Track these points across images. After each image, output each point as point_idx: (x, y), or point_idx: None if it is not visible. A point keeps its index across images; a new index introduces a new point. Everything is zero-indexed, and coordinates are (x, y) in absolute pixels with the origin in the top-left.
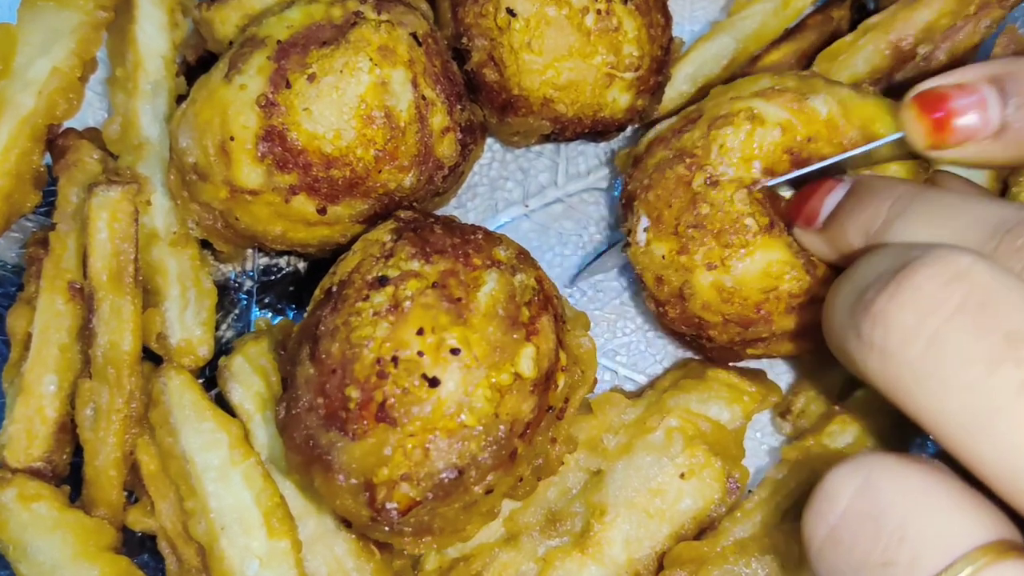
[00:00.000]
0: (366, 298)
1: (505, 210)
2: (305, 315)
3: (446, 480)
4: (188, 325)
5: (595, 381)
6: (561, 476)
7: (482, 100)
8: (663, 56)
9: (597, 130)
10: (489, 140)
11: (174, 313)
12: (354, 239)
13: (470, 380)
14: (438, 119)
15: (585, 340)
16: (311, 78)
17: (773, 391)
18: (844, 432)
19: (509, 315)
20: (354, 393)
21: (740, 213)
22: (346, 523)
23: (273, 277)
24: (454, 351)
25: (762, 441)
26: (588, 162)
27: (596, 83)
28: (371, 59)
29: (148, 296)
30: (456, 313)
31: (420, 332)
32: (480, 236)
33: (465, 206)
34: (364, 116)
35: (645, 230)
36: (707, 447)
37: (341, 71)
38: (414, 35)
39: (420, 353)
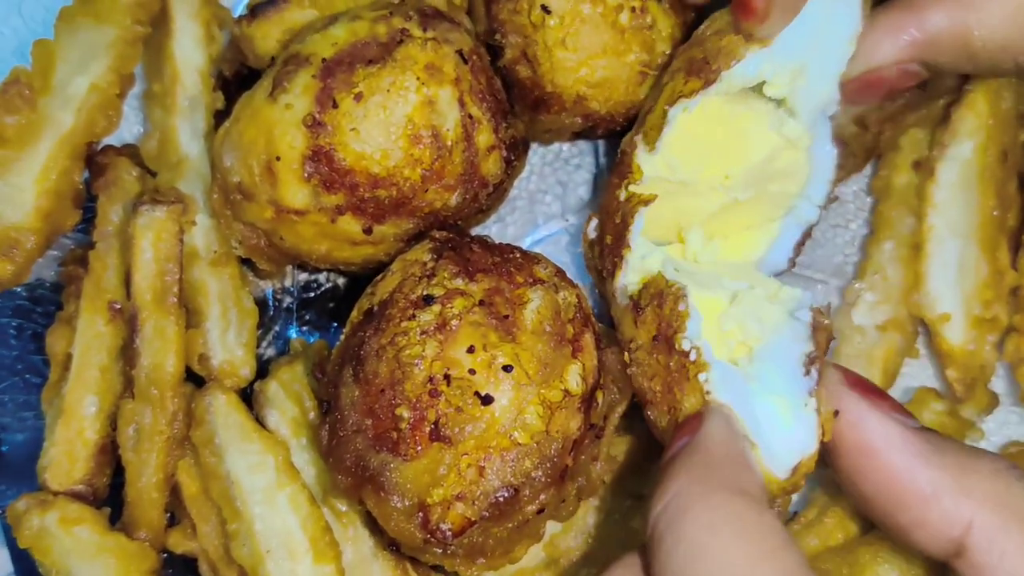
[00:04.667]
0: (412, 317)
1: (545, 224)
2: (343, 336)
3: (501, 499)
4: (230, 346)
5: (632, 398)
6: (602, 500)
7: (514, 97)
8: None
9: (629, 128)
10: (528, 154)
11: (216, 334)
12: (396, 256)
13: (522, 397)
14: (484, 137)
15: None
16: (358, 98)
17: None
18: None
19: (556, 332)
20: (405, 413)
21: None
22: (394, 546)
23: (313, 294)
24: (506, 368)
25: None
26: None
27: (629, 81)
28: (418, 78)
29: (189, 316)
30: (504, 330)
31: (471, 350)
32: (519, 255)
33: (504, 220)
34: (411, 136)
35: None
36: None
37: (388, 90)
38: (460, 52)
39: (472, 371)
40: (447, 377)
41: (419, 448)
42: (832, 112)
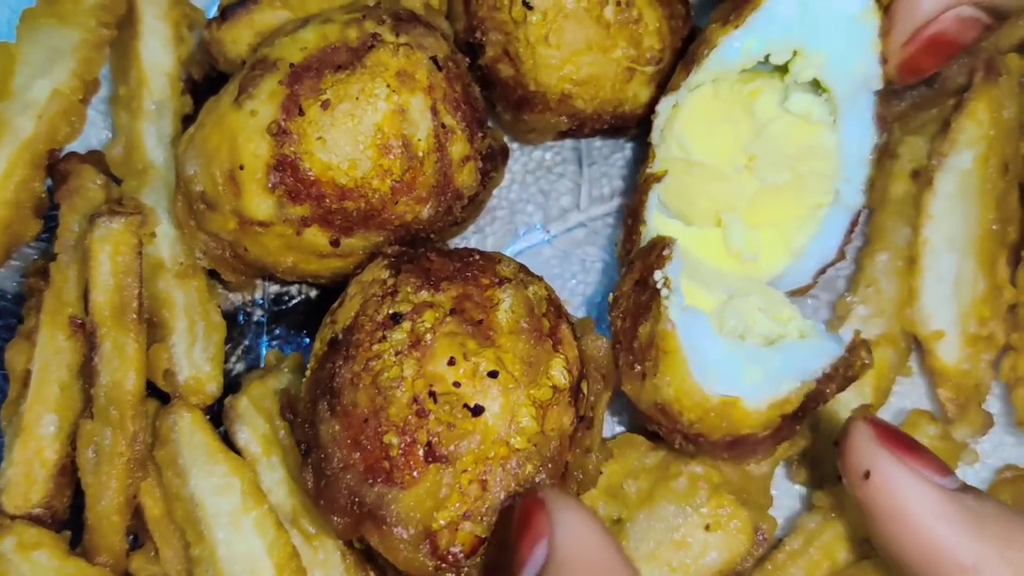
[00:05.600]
0: (383, 338)
1: (525, 235)
2: (308, 371)
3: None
4: (196, 361)
5: (617, 382)
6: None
7: (496, 96)
8: (684, 48)
9: (616, 126)
10: (508, 162)
11: (181, 348)
12: None
13: (513, 401)
14: (458, 147)
15: (601, 343)
16: (325, 105)
17: (804, 432)
18: None
19: (533, 328)
20: (394, 439)
21: None
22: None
23: (284, 306)
24: (492, 374)
25: (792, 485)
26: (612, 184)
27: (616, 78)
28: (388, 85)
29: (154, 329)
30: (482, 336)
31: (451, 362)
32: (477, 256)
33: (483, 231)
34: (381, 145)
35: None
36: (733, 496)
37: (357, 98)
38: (434, 59)
39: (457, 383)
40: (432, 394)
41: (415, 473)
42: (874, 88)
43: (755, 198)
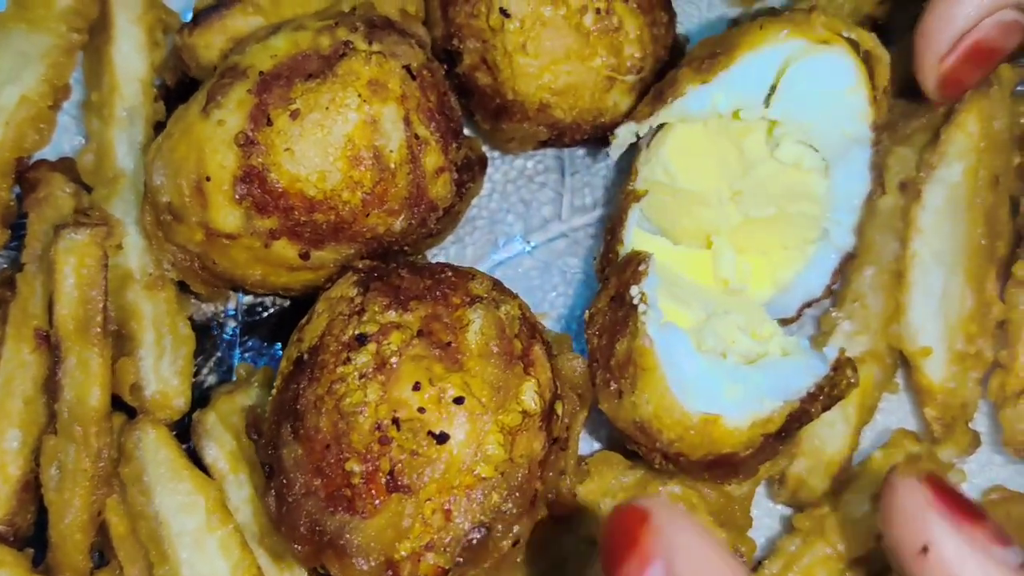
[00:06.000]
0: (347, 360)
1: (505, 246)
2: (274, 391)
3: (474, 540)
4: (164, 375)
5: (594, 401)
6: (556, 547)
7: (474, 104)
8: (667, 56)
9: (598, 136)
10: (490, 170)
11: (149, 362)
12: None
13: (479, 428)
14: (432, 159)
15: (576, 362)
16: (294, 115)
17: (785, 453)
18: (862, 500)
19: (504, 351)
20: (356, 466)
21: None
22: None
23: (258, 317)
24: (457, 400)
25: (773, 505)
26: (594, 194)
27: (596, 87)
28: (360, 95)
29: (122, 341)
30: (449, 359)
31: (416, 387)
32: (451, 273)
33: (463, 240)
34: (351, 157)
35: None
36: (712, 517)
37: (327, 108)
38: (407, 67)
39: (421, 409)
40: (395, 421)
41: (377, 502)
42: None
43: (741, 226)
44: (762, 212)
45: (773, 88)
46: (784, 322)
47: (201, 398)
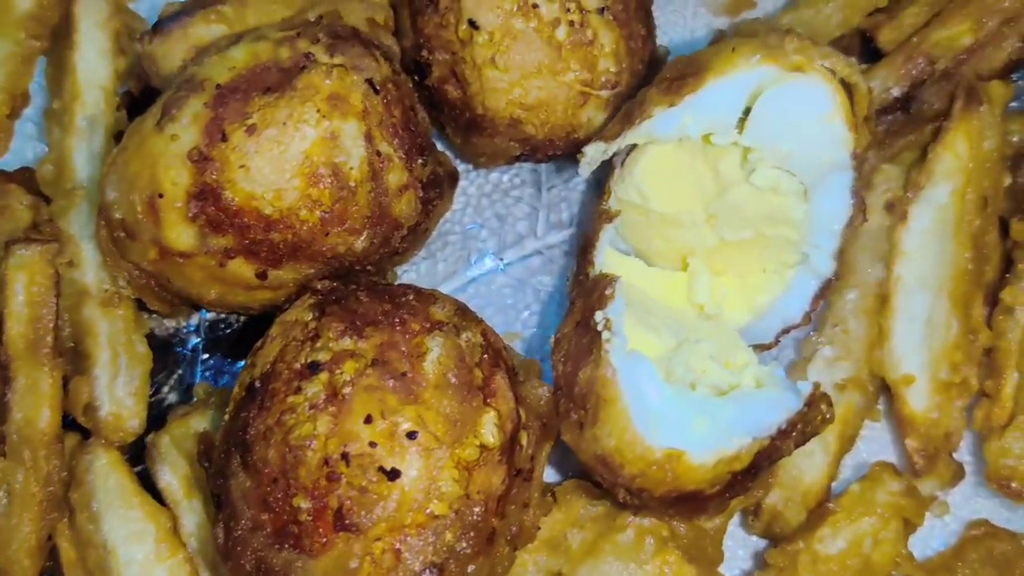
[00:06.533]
0: (298, 390)
1: (477, 263)
2: (226, 418)
3: None
4: (118, 396)
5: (559, 432)
6: None
7: (445, 118)
8: (644, 71)
9: (572, 152)
10: (463, 183)
11: (104, 381)
12: None
13: (433, 464)
14: (395, 176)
15: (542, 390)
16: (250, 131)
17: (761, 483)
18: (837, 536)
19: (462, 381)
20: (303, 503)
21: None
22: None
23: (221, 333)
24: (410, 435)
25: (747, 537)
26: (571, 210)
27: (569, 102)
28: (319, 110)
29: (77, 359)
30: (404, 391)
31: (368, 420)
32: (412, 297)
33: (435, 256)
34: (309, 174)
35: None
36: (681, 552)
37: (284, 123)
38: (370, 81)
39: (373, 444)
40: (345, 456)
41: (324, 540)
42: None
43: (717, 248)
44: (739, 235)
45: (747, 113)
46: (761, 348)
47: (161, 417)
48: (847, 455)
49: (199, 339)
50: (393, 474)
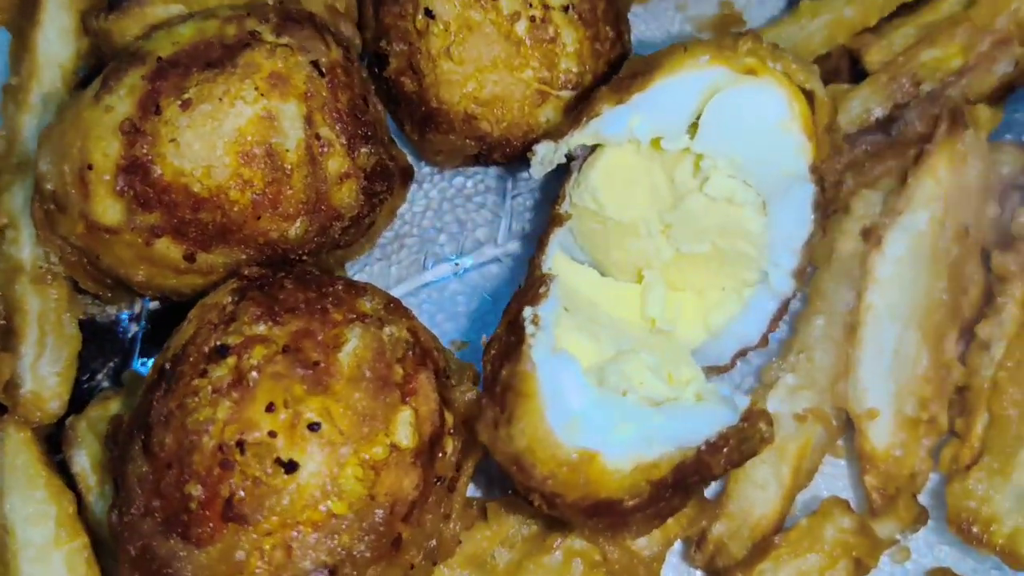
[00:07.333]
0: (203, 373)
1: (434, 267)
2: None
3: None
4: (41, 375)
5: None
6: None
7: (403, 113)
8: (611, 75)
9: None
10: (427, 186)
11: (29, 360)
12: None
13: (335, 459)
14: (335, 162)
15: (471, 394)
16: (185, 105)
17: (705, 513)
18: (778, 570)
19: (379, 376)
20: (195, 490)
21: None
22: None
23: (163, 321)
24: (312, 426)
25: (690, 570)
26: (536, 220)
27: (525, 100)
28: (257, 88)
29: (6, 337)
30: (314, 381)
31: (270, 408)
32: (340, 287)
33: (389, 258)
34: (241, 153)
35: None
36: None
37: (220, 99)
38: (316, 64)
39: (272, 433)
40: (241, 444)
41: (212, 531)
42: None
43: (673, 261)
44: (695, 248)
45: (698, 118)
46: (717, 371)
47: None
48: (803, 491)
49: (139, 328)
50: (290, 466)
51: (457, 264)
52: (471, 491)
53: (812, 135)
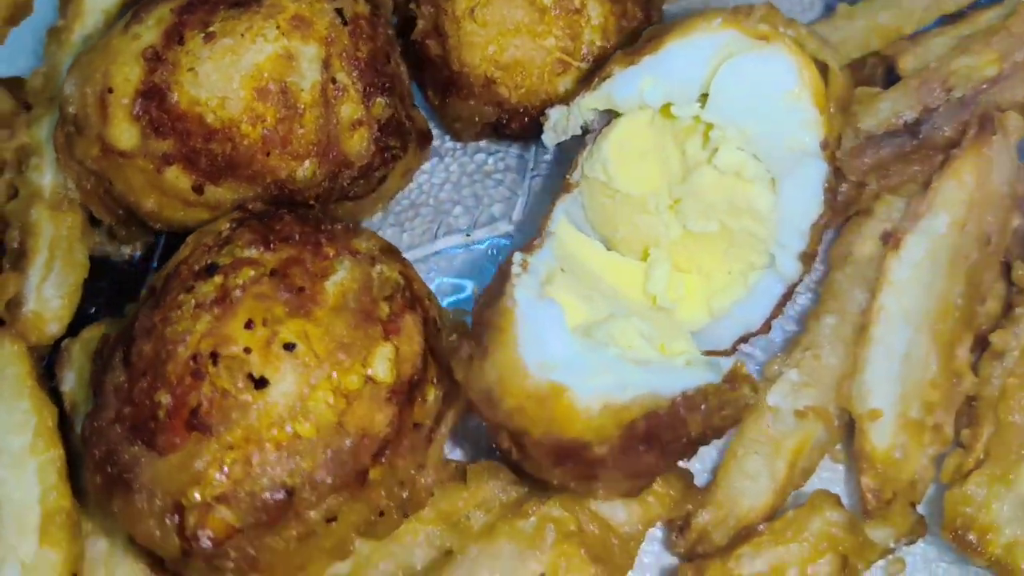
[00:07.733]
0: (190, 290)
1: (445, 237)
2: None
3: (271, 501)
4: (45, 296)
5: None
6: (405, 549)
7: (426, 78)
8: None
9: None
10: (447, 159)
11: (35, 281)
12: None
13: (306, 381)
14: (349, 108)
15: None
16: (208, 37)
17: (691, 499)
18: (757, 556)
19: (362, 308)
20: (164, 398)
21: None
22: (158, 560)
23: None
24: (288, 346)
25: (660, 556)
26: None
27: (545, 68)
28: (279, 27)
29: (20, 259)
30: (296, 304)
31: (249, 325)
32: (339, 227)
33: (403, 225)
34: (256, 88)
35: None
36: (585, 548)
37: (242, 34)
38: (340, 11)
39: (247, 349)
40: (214, 355)
41: (176, 439)
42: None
43: (681, 240)
44: (703, 226)
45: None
46: (718, 355)
47: None
48: (798, 490)
49: (151, 269)
50: (261, 383)
51: (469, 236)
52: (456, 456)
53: (824, 109)
